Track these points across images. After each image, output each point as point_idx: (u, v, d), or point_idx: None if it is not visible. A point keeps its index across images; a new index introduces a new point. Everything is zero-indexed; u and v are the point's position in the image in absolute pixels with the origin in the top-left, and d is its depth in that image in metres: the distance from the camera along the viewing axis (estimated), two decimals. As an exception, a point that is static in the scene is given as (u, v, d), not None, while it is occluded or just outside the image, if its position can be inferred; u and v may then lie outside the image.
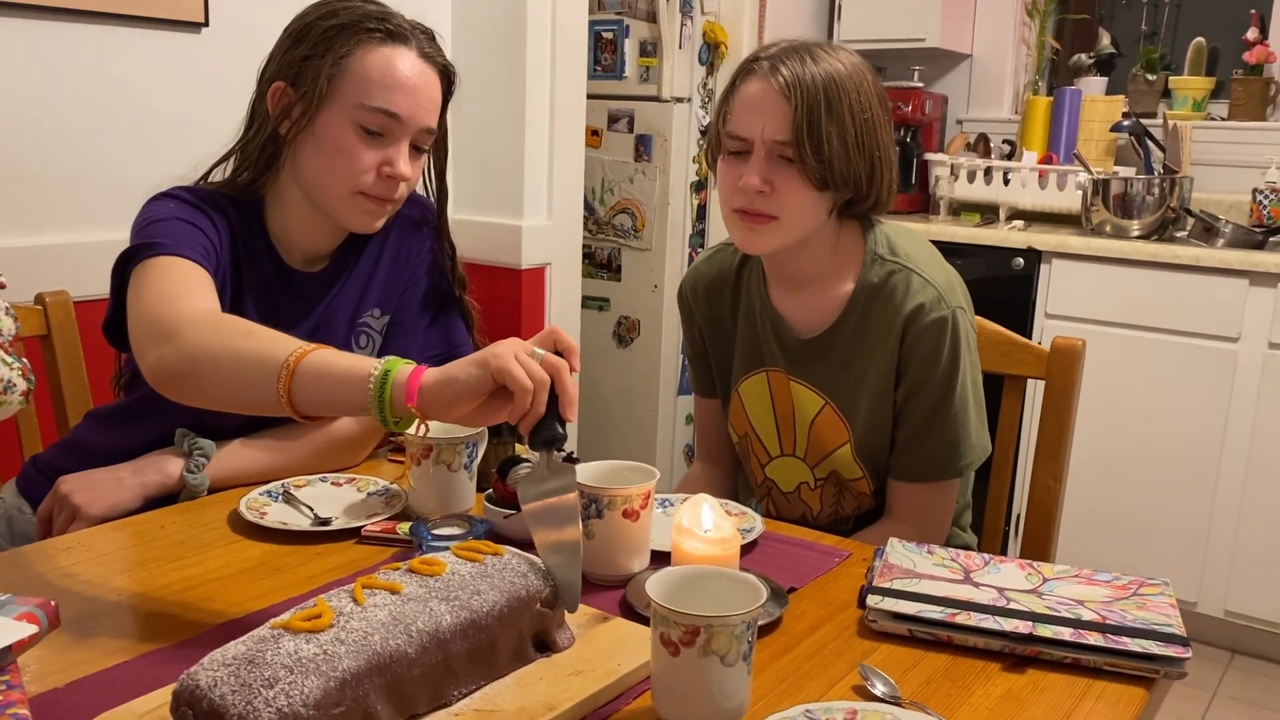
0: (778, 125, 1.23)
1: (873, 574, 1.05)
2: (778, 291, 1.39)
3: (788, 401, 1.39)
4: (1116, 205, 2.82)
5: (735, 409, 1.45)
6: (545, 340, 0.94)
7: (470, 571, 0.85)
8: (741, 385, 1.43)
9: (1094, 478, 2.73)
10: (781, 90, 1.23)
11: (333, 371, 0.94)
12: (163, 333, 1.05)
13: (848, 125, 1.23)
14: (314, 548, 1.12)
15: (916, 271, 1.31)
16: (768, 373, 1.40)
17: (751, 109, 1.26)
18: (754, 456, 1.45)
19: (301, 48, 1.25)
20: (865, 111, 1.25)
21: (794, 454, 1.41)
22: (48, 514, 1.22)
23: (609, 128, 3.39)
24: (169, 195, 1.27)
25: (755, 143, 1.25)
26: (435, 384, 0.90)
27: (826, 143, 1.22)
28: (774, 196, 1.25)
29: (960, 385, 1.31)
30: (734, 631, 0.77)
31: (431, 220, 1.44)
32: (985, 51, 3.53)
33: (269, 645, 0.73)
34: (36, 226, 1.85)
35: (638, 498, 1.05)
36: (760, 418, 1.42)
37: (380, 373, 0.92)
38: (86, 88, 1.89)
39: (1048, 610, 0.97)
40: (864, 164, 1.26)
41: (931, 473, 1.33)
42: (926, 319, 1.28)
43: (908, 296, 1.29)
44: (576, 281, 2.74)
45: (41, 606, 0.84)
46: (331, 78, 1.23)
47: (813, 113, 1.22)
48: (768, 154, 1.25)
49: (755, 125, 1.25)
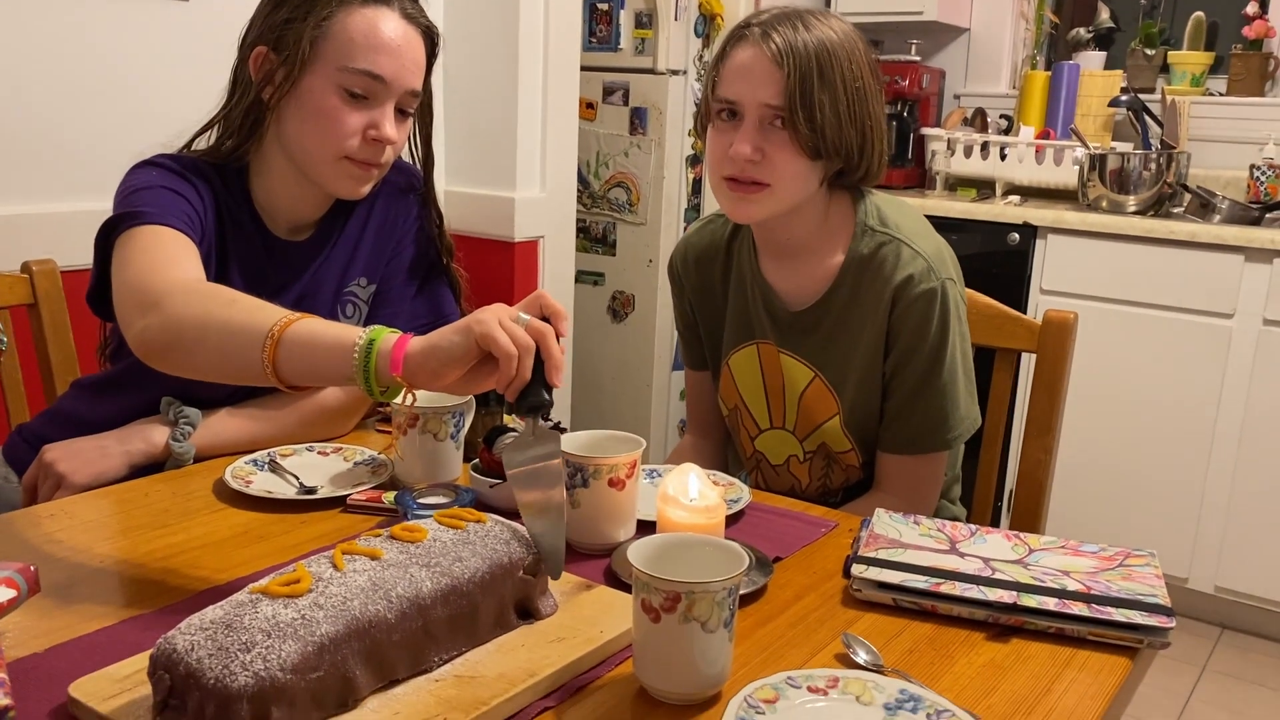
0: (770, 90, 1.22)
1: (858, 544, 1.05)
2: (768, 263, 1.38)
3: (778, 374, 1.38)
4: (1113, 181, 2.81)
5: (725, 381, 1.45)
6: (531, 305, 0.93)
7: (452, 538, 0.85)
8: (732, 358, 1.42)
9: (1087, 453, 2.73)
10: (774, 57, 1.21)
11: (318, 341, 0.93)
12: (147, 302, 1.04)
13: (840, 94, 1.22)
14: (299, 516, 1.12)
15: (906, 242, 1.30)
16: (758, 345, 1.39)
17: (743, 75, 1.24)
18: (743, 429, 1.44)
19: (283, 11, 1.24)
20: (857, 80, 1.23)
21: (783, 427, 1.40)
22: (32, 482, 1.22)
23: (604, 100, 3.37)
24: (152, 163, 1.25)
25: (746, 109, 1.24)
26: (420, 352, 0.90)
27: (819, 110, 1.21)
28: (765, 164, 1.24)
29: (949, 357, 1.30)
30: (715, 598, 0.77)
31: (418, 187, 1.43)
32: (983, 25, 3.50)
33: (247, 610, 0.72)
34: (23, 195, 1.83)
35: (623, 467, 1.04)
36: (750, 390, 1.41)
37: (365, 342, 0.91)
38: (73, 56, 1.87)
39: (1033, 580, 0.96)
40: (855, 134, 1.24)
41: (920, 444, 1.33)
42: (916, 290, 1.27)
43: (897, 267, 1.29)
44: (570, 254, 2.73)
45: (21, 572, 0.84)
46: (314, 40, 1.21)
47: (805, 80, 1.21)
48: (759, 121, 1.23)
49: (746, 90, 1.23)
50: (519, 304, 0.93)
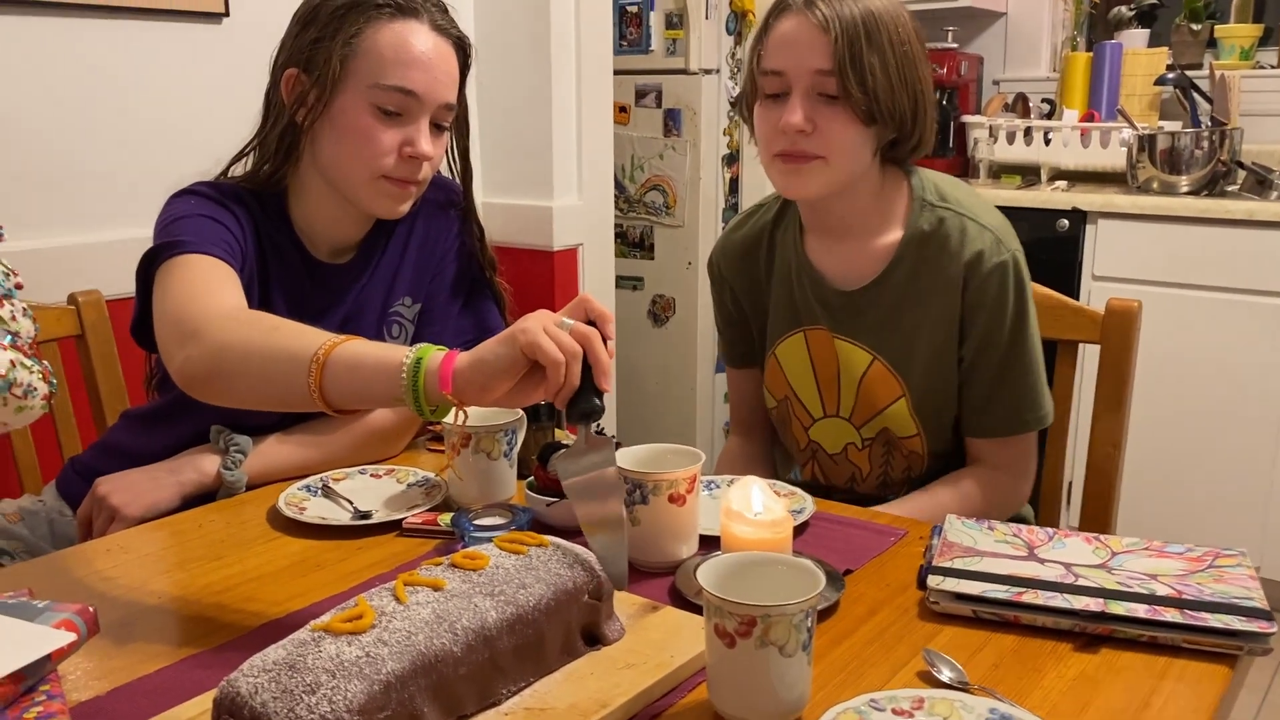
0: (818, 56, 1.19)
1: (931, 553, 1.01)
2: (815, 246, 1.35)
3: (830, 360, 1.34)
4: (1164, 161, 2.74)
5: (772, 372, 1.41)
6: (576, 310, 0.90)
7: (514, 564, 0.82)
8: (778, 347, 1.39)
9: (1148, 444, 2.65)
10: (820, 24, 1.19)
11: (364, 362, 0.91)
12: (186, 333, 1.02)
13: (889, 56, 1.19)
14: (355, 542, 1.10)
15: (970, 217, 1.27)
16: (805, 332, 1.36)
17: (788, 44, 1.22)
18: (795, 420, 1.40)
19: (311, 31, 1.22)
20: (904, 44, 1.21)
21: (838, 414, 1.36)
22: (87, 516, 1.21)
23: (636, 103, 3.34)
24: (190, 191, 1.24)
25: (794, 78, 1.21)
26: (468, 367, 0.87)
27: (870, 73, 1.18)
28: (817, 135, 1.21)
29: (1030, 332, 1.29)
30: (792, 621, 0.74)
31: (458, 202, 1.41)
32: (1020, 8, 3.42)
33: (310, 649, 0.70)
34: (66, 226, 1.83)
35: (683, 482, 1.01)
36: (800, 379, 1.37)
37: (412, 361, 0.88)
38: (111, 84, 1.87)
39: (1119, 586, 0.92)
40: (908, 98, 1.22)
41: (1015, 424, 1.31)
42: (988, 265, 1.25)
43: (965, 243, 1.25)
44: (609, 261, 2.70)
45: (80, 613, 0.82)
46: (344, 59, 1.19)
47: (853, 43, 1.18)
48: (808, 90, 1.21)
49: (793, 59, 1.21)
50: (563, 309, 0.91)
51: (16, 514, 1.34)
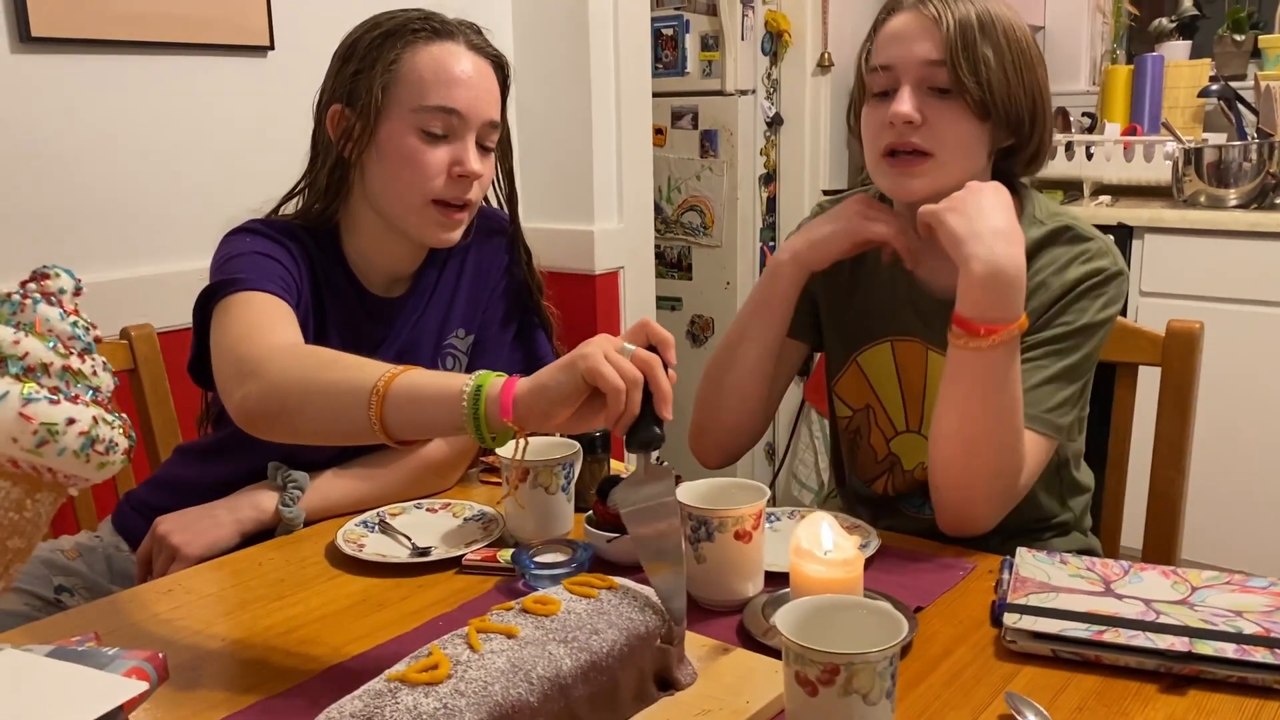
0: (928, 45, 1.14)
1: (1004, 588, 0.99)
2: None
3: (919, 374, 1.28)
4: (1211, 174, 2.69)
5: (853, 379, 1.35)
6: (637, 334, 0.89)
7: (586, 609, 0.81)
8: (861, 355, 1.33)
9: (1206, 467, 2.60)
10: (931, 17, 1.15)
11: (424, 392, 0.90)
12: (244, 371, 1.02)
13: (1004, 50, 1.14)
14: (415, 580, 1.09)
15: (1082, 230, 1.21)
16: (893, 343, 1.30)
17: (897, 39, 1.17)
18: (876, 429, 1.34)
19: (351, 64, 1.23)
20: (1020, 43, 1.16)
21: (919, 430, 1.30)
22: (147, 555, 1.21)
23: (673, 125, 3.34)
24: (245, 230, 1.24)
25: (903, 70, 1.16)
26: (529, 393, 0.86)
27: (984, 64, 1.13)
28: (927, 129, 1.15)
29: (1091, 348, 1.18)
30: (876, 669, 0.72)
31: (505, 229, 1.41)
32: (1058, 22, 3.40)
33: (386, 700, 0.69)
34: (116, 260, 1.85)
35: (749, 518, 1.00)
36: (886, 389, 1.32)
37: (472, 388, 0.87)
38: (158, 118, 1.89)
39: (1203, 624, 0.89)
40: (1024, 96, 1.16)
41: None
42: (1093, 266, 1.18)
43: (1075, 254, 1.19)
44: (650, 282, 2.69)
45: (150, 660, 0.82)
46: (385, 86, 1.20)
47: (966, 32, 1.13)
48: (918, 83, 1.16)
49: (901, 51, 1.16)
50: (624, 334, 0.89)
51: (74, 550, 1.34)
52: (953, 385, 1.12)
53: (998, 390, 1.09)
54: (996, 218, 1.10)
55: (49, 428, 0.65)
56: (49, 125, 1.76)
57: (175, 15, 1.87)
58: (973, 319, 1.08)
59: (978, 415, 1.10)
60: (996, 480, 1.12)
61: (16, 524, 0.67)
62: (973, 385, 1.10)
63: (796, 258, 1.26)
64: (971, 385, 1.10)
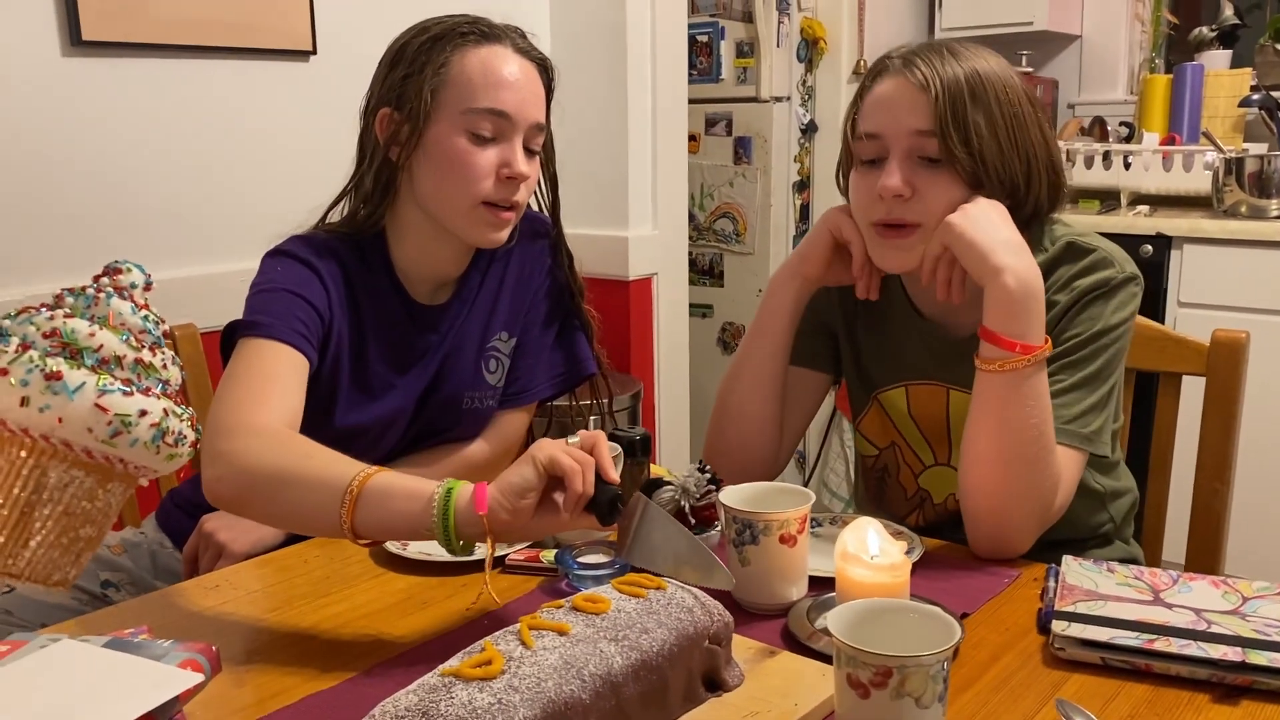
0: (917, 116, 1.12)
1: (1050, 596, 0.98)
2: (919, 292, 1.27)
3: (939, 412, 1.28)
4: (1252, 184, 2.67)
5: (876, 418, 1.35)
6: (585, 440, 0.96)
7: (636, 608, 0.81)
8: (882, 394, 1.34)
9: (1249, 480, 2.57)
10: (919, 84, 1.12)
11: (396, 493, 0.95)
12: (220, 451, 1.03)
13: (996, 116, 1.12)
14: (459, 579, 1.10)
15: (1086, 242, 1.20)
16: (908, 387, 1.30)
17: (885, 106, 1.15)
18: (905, 467, 1.34)
19: (400, 69, 1.24)
20: (1013, 106, 1.14)
21: (948, 463, 1.30)
22: (193, 553, 1.23)
23: (706, 132, 3.35)
24: (280, 253, 1.25)
25: (891, 140, 1.14)
26: (496, 488, 0.92)
27: (975, 133, 1.11)
28: (917, 201, 1.13)
29: (1110, 355, 1.16)
30: (929, 672, 0.72)
31: (548, 232, 1.41)
32: (1096, 31, 3.38)
33: (441, 695, 0.69)
34: (161, 260, 1.87)
35: (795, 522, 1.00)
36: (908, 429, 1.33)
37: (443, 491, 0.93)
38: (203, 122, 1.91)
39: (1256, 634, 0.88)
40: (1019, 161, 1.14)
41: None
42: (1100, 275, 1.17)
43: (1082, 272, 1.17)
44: (683, 289, 2.70)
45: (203, 652, 0.83)
46: (434, 90, 1.21)
47: (955, 100, 1.11)
48: (907, 153, 1.14)
49: (889, 120, 1.14)
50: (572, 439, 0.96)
51: (120, 546, 1.36)
52: (984, 411, 1.11)
53: (1030, 410, 1.08)
54: (1008, 230, 1.11)
55: (123, 419, 0.66)
56: (97, 127, 1.79)
57: (220, 20, 1.89)
58: (1002, 334, 1.08)
59: (1011, 438, 1.08)
60: (1032, 502, 1.10)
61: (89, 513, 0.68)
62: (1004, 408, 1.09)
63: (785, 267, 1.28)
64: (1003, 408, 1.09)
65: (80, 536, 0.70)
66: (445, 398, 1.32)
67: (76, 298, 0.68)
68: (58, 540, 0.69)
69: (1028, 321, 1.08)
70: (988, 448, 1.11)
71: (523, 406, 1.40)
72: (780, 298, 1.29)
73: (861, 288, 1.25)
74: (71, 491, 0.67)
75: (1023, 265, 1.08)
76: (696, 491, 1.12)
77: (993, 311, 1.09)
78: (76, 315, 0.67)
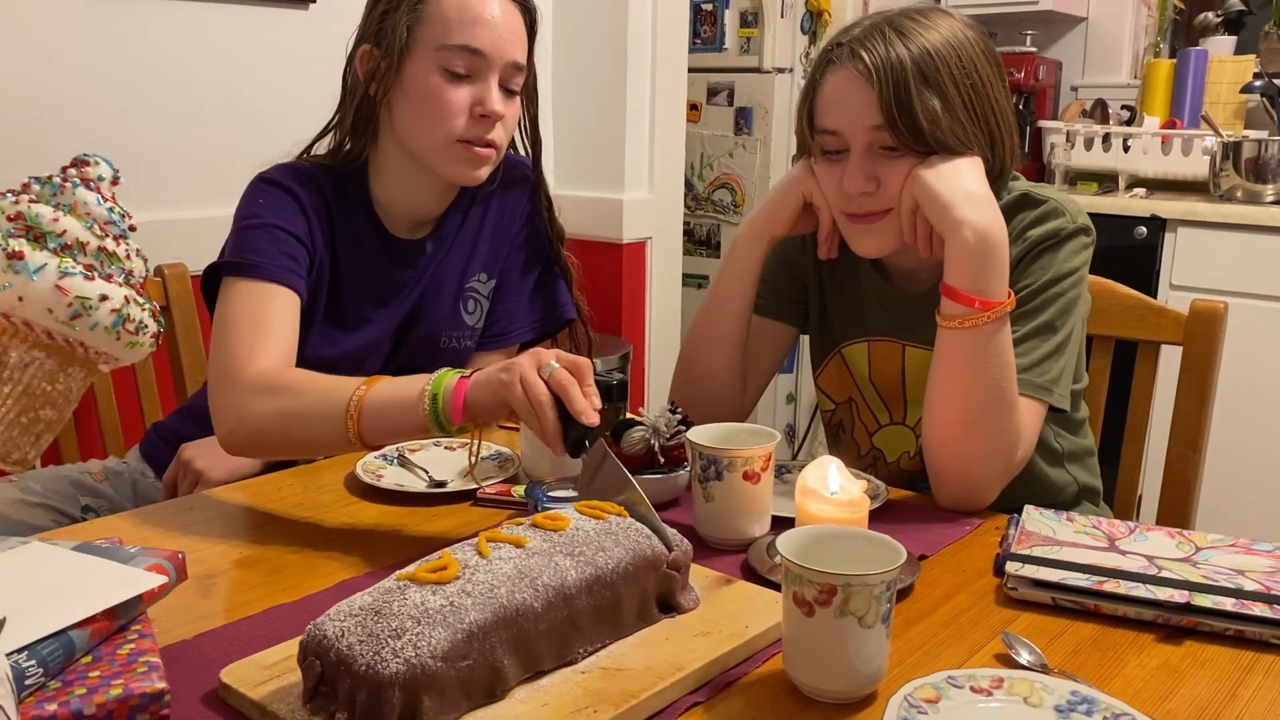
0: (869, 112, 1.11)
1: (1009, 541, 1.00)
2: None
3: (894, 370, 1.29)
4: (1249, 169, 2.67)
5: (836, 372, 1.35)
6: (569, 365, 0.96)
7: (594, 528, 0.83)
8: (846, 349, 1.34)
9: (1229, 457, 2.59)
10: (865, 74, 1.11)
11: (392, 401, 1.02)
12: (227, 410, 1.10)
13: (951, 93, 1.11)
14: (430, 510, 1.12)
15: (1039, 194, 1.21)
16: (869, 343, 1.31)
17: (838, 102, 1.14)
18: (860, 424, 1.35)
19: (380, 5, 1.25)
20: (969, 76, 1.13)
21: (903, 422, 1.31)
22: (172, 480, 1.24)
23: (708, 101, 3.35)
24: (265, 180, 1.26)
25: (850, 137, 1.14)
26: (474, 386, 0.98)
27: (927, 118, 1.10)
28: (882, 191, 1.14)
29: (1063, 304, 1.17)
30: (873, 591, 0.73)
31: (528, 175, 1.42)
32: (1102, 13, 3.37)
33: (395, 596, 0.71)
34: (156, 202, 1.88)
35: (759, 459, 1.01)
36: (866, 385, 1.34)
37: (431, 389, 0.99)
38: (200, 66, 1.92)
39: (1205, 579, 0.90)
40: (981, 132, 1.14)
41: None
42: (1049, 226, 1.18)
43: (1036, 221, 1.18)
44: (677, 256, 2.71)
45: (170, 559, 0.84)
46: (410, 26, 1.22)
47: (902, 89, 1.10)
48: (866, 147, 1.14)
49: (844, 118, 1.13)
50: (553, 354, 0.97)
51: (102, 473, 1.38)
52: (946, 369, 1.11)
53: (993, 367, 1.09)
54: (975, 185, 1.11)
55: (83, 301, 0.67)
56: (96, 68, 1.80)
57: (221, -36, 1.89)
58: (962, 289, 1.08)
59: (975, 395, 1.09)
60: (997, 457, 1.11)
61: (49, 395, 0.70)
62: (967, 365, 1.09)
63: (752, 225, 1.28)
64: (966, 365, 1.09)
65: (40, 418, 0.71)
66: (423, 336, 1.34)
67: (43, 185, 0.69)
68: (17, 419, 0.71)
69: (987, 277, 1.08)
70: (951, 406, 1.12)
71: (501, 349, 1.42)
72: (748, 257, 1.29)
73: (824, 249, 1.26)
74: (32, 372, 0.69)
75: (984, 218, 1.08)
76: (667, 431, 1.13)
77: (953, 266, 1.10)
78: (42, 201, 0.68)
